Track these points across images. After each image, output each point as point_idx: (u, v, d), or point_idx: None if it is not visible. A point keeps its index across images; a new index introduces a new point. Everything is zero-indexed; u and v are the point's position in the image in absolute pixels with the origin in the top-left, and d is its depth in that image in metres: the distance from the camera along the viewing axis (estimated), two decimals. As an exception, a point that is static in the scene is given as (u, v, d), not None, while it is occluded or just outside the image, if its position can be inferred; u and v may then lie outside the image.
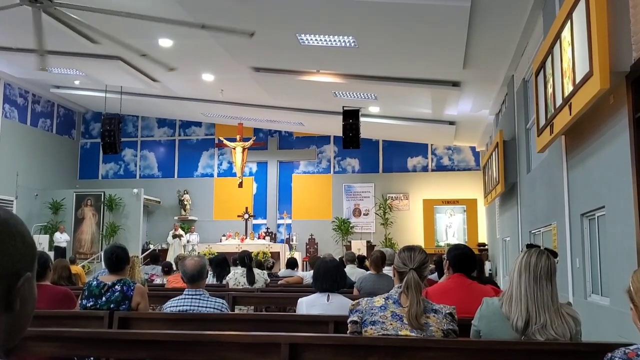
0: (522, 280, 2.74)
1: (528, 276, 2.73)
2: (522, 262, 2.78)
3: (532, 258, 2.77)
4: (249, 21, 10.58)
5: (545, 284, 2.72)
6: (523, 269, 2.75)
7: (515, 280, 2.77)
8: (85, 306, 4.36)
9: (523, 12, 8.88)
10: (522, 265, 2.77)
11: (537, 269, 2.73)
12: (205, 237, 20.91)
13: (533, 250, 2.83)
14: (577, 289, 6.95)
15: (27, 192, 19.49)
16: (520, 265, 2.78)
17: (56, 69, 16.77)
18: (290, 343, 2.82)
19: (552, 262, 2.80)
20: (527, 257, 2.79)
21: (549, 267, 2.76)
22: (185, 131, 22.88)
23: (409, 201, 20.82)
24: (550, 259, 2.80)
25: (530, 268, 2.74)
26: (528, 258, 2.77)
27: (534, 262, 2.75)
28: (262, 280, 7.84)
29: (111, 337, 3.23)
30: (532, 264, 2.74)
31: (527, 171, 10.49)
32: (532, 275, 2.72)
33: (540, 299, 2.69)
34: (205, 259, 4.43)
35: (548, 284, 2.73)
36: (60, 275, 6.71)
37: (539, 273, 2.73)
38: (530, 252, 2.80)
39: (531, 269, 2.73)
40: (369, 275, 6.45)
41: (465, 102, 14.20)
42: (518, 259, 2.82)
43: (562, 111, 6.23)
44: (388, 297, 3.01)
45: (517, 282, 2.76)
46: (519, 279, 2.75)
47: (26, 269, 1.07)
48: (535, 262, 2.75)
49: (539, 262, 2.75)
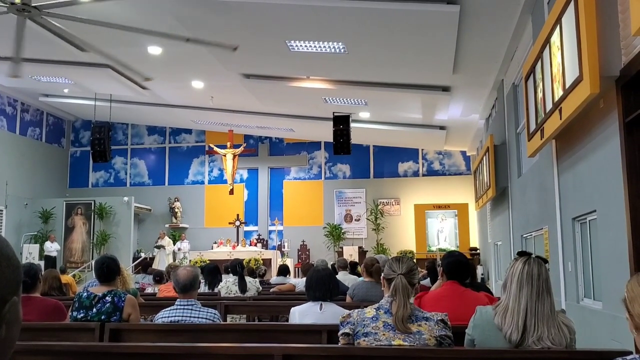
0: (522, 294, 2.65)
1: (530, 290, 2.65)
2: (524, 274, 2.69)
3: (534, 269, 2.69)
4: (239, 28, 10.58)
5: (546, 297, 2.67)
6: (525, 282, 2.67)
7: (513, 293, 2.69)
8: (76, 318, 4.31)
9: (512, 17, 8.91)
10: (524, 278, 2.68)
11: (539, 282, 2.66)
12: (197, 245, 20.83)
13: (533, 260, 2.75)
14: (570, 293, 6.96)
15: (16, 201, 19.36)
16: (522, 277, 2.69)
17: (45, 77, 16.68)
18: (283, 354, 2.79)
19: (548, 272, 2.76)
20: (528, 268, 2.70)
21: (547, 277, 2.72)
22: (175, 138, 22.81)
23: (400, 206, 20.82)
24: (546, 268, 2.76)
25: (532, 281, 2.66)
26: (530, 269, 2.69)
27: (535, 273, 2.68)
28: (254, 288, 7.81)
29: (103, 351, 3.20)
30: (535, 277, 2.67)
31: (518, 175, 10.52)
32: (535, 289, 2.65)
33: (541, 312, 2.63)
34: (197, 269, 4.40)
35: (548, 296, 2.68)
36: (51, 285, 6.66)
37: (541, 286, 2.66)
38: (529, 262, 2.72)
39: (534, 283, 2.66)
40: (361, 282, 6.42)
41: (455, 106, 14.23)
42: (516, 270, 2.73)
43: (553, 116, 6.25)
44: (379, 308, 2.99)
45: (516, 294, 2.67)
46: (519, 292, 2.67)
47: (12, 293, 1.04)
48: (538, 273, 2.68)
49: (541, 274, 2.68)
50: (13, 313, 1.05)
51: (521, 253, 2.84)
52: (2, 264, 1.02)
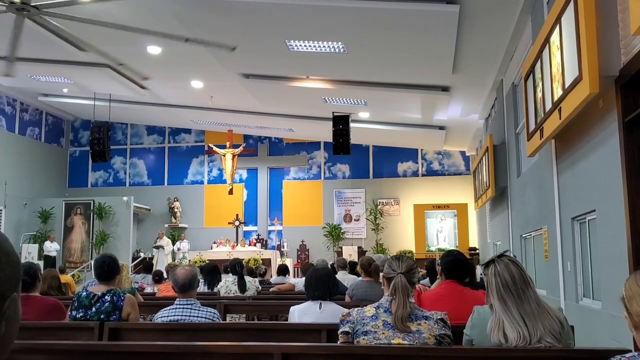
0: (509, 305, 2.60)
1: (513, 297, 2.60)
2: (499, 285, 2.63)
3: (505, 275, 2.63)
4: (238, 28, 10.57)
5: (529, 293, 2.63)
6: (504, 292, 2.62)
7: (499, 307, 2.62)
8: (75, 317, 4.31)
9: (512, 17, 8.92)
10: (501, 289, 2.62)
11: (516, 285, 2.62)
12: (196, 245, 20.83)
13: (498, 264, 2.68)
14: (569, 292, 6.96)
15: (15, 201, 19.34)
16: (499, 290, 2.63)
17: (44, 77, 16.67)
18: (282, 353, 2.79)
19: (520, 265, 2.72)
20: (499, 278, 2.64)
21: (521, 272, 2.67)
22: (174, 138, 22.81)
23: (399, 206, 20.83)
24: (516, 262, 2.71)
25: (510, 288, 2.61)
26: (501, 278, 2.63)
27: (508, 278, 2.63)
28: (253, 288, 7.80)
29: (102, 349, 3.19)
30: (509, 282, 2.62)
31: (517, 175, 10.52)
32: (515, 293, 2.61)
33: (530, 310, 2.59)
34: (196, 269, 4.39)
35: (529, 290, 2.64)
36: (50, 285, 6.66)
37: (519, 287, 2.62)
38: (497, 271, 2.66)
39: (511, 288, 2.61)
40: (360, 282, 6.42)
41: (454, 106, 14.24)
42: (491, 284, 2.66)
43: (552, 115, 6.25)
44: (379, 306, 2.99)
45: (503, 308, 2.61)
46: (504, 305, 2.61)
47: (11, 290, 1.04)
48: (510, 277, 2.63)
49: (513, 275, 2.63)
50: (13, 309, 1.05)
51: (486, 265, 2.77)
52: (1, 260, 1.02)
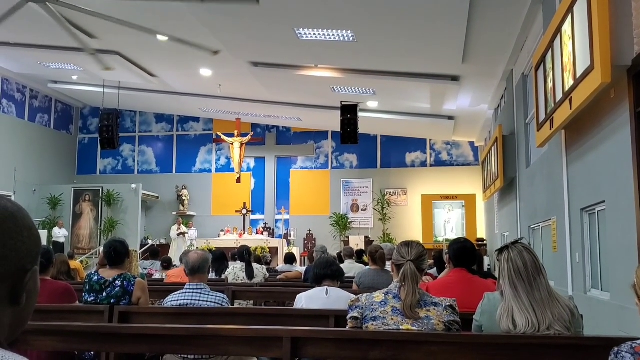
0: (519, 292, 2.61)
1: (524, 283, 2.61)
2: (511, 271, 2.64)
3: (517, 262, 2.64)
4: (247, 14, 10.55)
5: (540, 280, 2.63)
6: (515, 278, 2.63)
7: (509, 294, 2.64)
8: (87, 301, 4.35)
9: (523, 7, 8.86)
10: (513, 275, 2.64)
11: (527, 272, 2.62)
12: (204, 233, 20.89)
13: (512, 251, 2.69)
14: (577, 283, 6.95)
15: (25, 188, 19.43)
16: (510, 276, 2.64)
17: (54, 64, 16.72)
18: (292, 337, 2.81)
19: (534, 252, 2.72)
20: (511, 263, 2.65)
21: (535, 260, 2.67)
22: (183, 126, 22.84)
23: (407, 196, 20.81)
24: (530, 250, 2.72)
25: (522, 275, 2.62)
26: (514, 264, 2.65)
27: (521, 265, 2.63)
28: (261, 275, 7.83)
29: (112, 332, 3.22)
30: (521, 268, 2.63)
31: (526, 166, 10.48)
32: (527, 280, 2.61)
33: (540, 298, 2.60)
34: (209, 254, 4.40)
35: (541, 277, 2.64)
36: (60, 270, 6.71)
37: (531, 274, 2.62)
38: (511, 257, 2.67)
39: (523, 275, 2.62)
40: (367, 270, 6.42)
41: (464, 96, 14.18)
42: (504, 270, 2.67)
43: (563, 105, 6.22)
44: (388, 292, 2.99)
45: (513, 295, 2.63)
46: (515, 292, 2.62)
47: (32, 263, 1.06)
48: (523, 263, 2.64)
49: (526, 262, 2.64)
50: (33, 282, 1.07)
51: (500, 250, 2.78)
52: (24, 234, 1.05)
